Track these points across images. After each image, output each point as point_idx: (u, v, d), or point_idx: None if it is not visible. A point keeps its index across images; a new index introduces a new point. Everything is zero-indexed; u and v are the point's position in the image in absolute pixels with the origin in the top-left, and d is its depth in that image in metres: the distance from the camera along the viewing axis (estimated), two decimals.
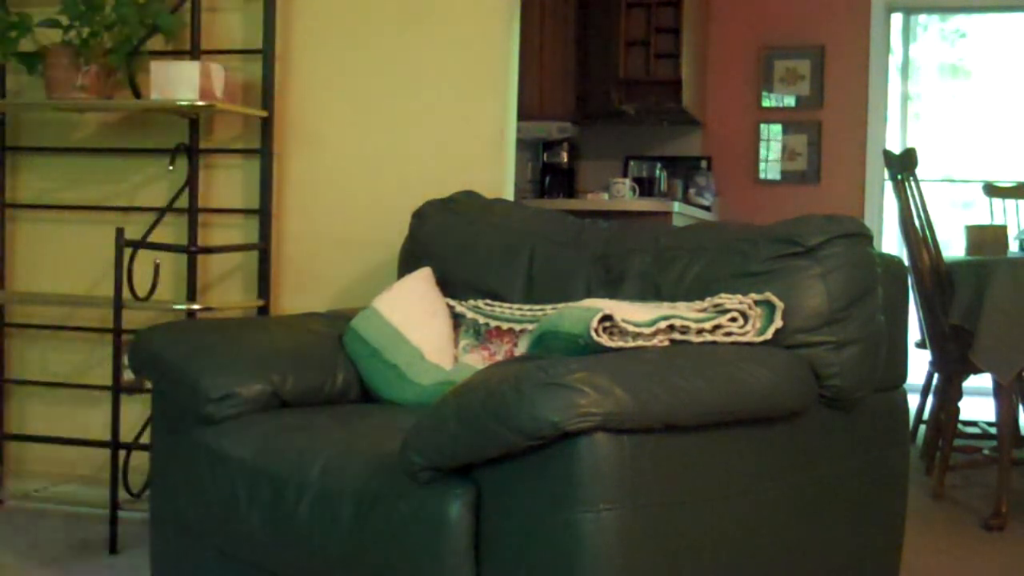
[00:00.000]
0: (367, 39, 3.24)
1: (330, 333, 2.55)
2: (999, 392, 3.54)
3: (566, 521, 1.63)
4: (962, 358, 3.60)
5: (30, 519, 3.27)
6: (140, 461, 3.06)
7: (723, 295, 2.12)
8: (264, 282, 3.24)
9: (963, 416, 3.99)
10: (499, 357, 2.47)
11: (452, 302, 2.61)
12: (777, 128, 6.84)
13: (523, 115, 3.73)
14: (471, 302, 2.60)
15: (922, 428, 4.72)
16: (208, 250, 3.25)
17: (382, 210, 3.20)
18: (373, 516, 1.82)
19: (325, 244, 3.28)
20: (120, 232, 2.95)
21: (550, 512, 1.64)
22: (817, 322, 2.11)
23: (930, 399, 4.52)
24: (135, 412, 3.26)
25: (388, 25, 3.23)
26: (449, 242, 2.72)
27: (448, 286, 2.66)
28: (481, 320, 2.54)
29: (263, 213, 3.24)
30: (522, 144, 6.20)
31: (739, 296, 2.10)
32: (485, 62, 3.16)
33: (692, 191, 6.65)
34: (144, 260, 3.10)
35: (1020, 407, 4.15)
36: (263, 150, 3.24)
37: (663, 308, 2.09)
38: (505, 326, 2.51)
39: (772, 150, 6.84)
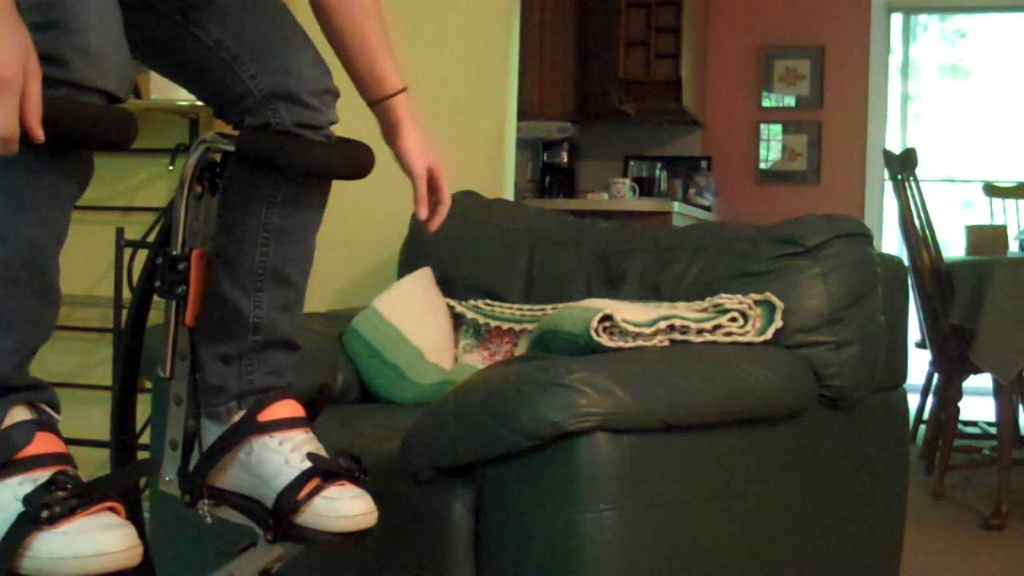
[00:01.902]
0: None
1: (330, 333, 2.54)
2: (999, 392, 3.54)
3: (566, 521, 1.63)
4: (962, 358, 3.60)
5: None
6: None
7: (723, 295, 2.12)
8: None
9: (963, 416, 3.98)
10: (499, 357, 2.47)
11: (452, 302, 2.61)
12: (777, 128, 6.83)
13: (523, 115, 3.73)
14: (471, 302, 2.60)
15: (922, 428, 4.71)
16: None
17: (382, 210, 3.18)
18: None
19: (325, 244, 3.25)
20: (120, 232, 2.95)
21: (550, 512, 1.64)
22: (817, 322, 2.11)
23: (930, 399, 4.52)
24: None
25: (387, 24, 3.22)
26: (449, 242, 2.72)
27: (448, 286, 2.65)
28: (481, 320, 2.54)
29: None
30: (522, 144, 6.18)
31: (739, 296, 2.10)
32: (485, 62, 3.15)
33: (692, 191, 6.65)
34: (144, 260, 3.09)
35: (1020, 407, 4.15)
36: None
37: (663, 308, 2.09)
38: (505, 326, 2.51)
39: (772, 150, 6.83)
